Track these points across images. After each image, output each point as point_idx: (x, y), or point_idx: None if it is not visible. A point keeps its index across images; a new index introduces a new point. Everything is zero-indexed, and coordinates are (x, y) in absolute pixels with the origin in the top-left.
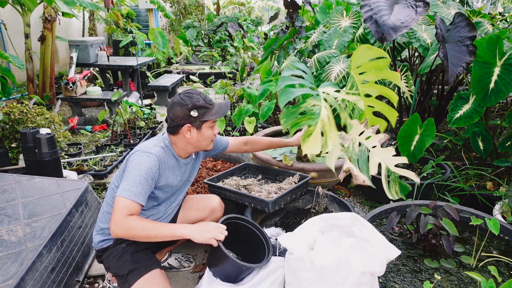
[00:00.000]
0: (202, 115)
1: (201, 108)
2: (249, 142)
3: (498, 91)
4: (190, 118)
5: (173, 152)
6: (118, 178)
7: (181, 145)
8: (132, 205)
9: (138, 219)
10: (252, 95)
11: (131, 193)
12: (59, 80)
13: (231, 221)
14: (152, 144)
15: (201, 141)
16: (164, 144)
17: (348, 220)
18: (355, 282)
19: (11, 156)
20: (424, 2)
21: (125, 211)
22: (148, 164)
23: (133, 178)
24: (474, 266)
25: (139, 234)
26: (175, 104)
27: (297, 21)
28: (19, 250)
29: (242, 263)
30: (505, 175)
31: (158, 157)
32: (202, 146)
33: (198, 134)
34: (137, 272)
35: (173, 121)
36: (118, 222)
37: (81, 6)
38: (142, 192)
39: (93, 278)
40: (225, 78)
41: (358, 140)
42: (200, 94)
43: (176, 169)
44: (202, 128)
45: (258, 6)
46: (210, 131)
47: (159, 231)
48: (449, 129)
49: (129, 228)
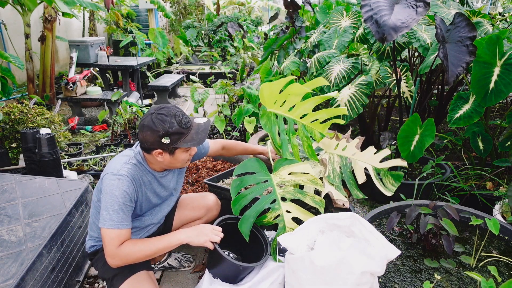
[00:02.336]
0: (175, 142)
1: (174, 135)
2: (225, 147)
3: (498, 91)
4: (162, 145)
5: (147, 168)
6: (98, 193)
7: (154, 163)
8: (119, 234)
9: (131, 244)
10: (252, 95)
11: (113, 223)
12: (59, 80)
13: (230, 222)
14: (121, 163)
15: (174, 163)
16: (137, 160)
17: (348, 220)
18: (355, 282)
19: (11, 156)
20: (424, 2)
21: (115, 243)
22: (121, 188)
23: (111, 206)
24: (474, 266)
25: (138, 257)
26: (145, 127)
27: (297, 21)
28: (19, 250)
29: (239, 263)
30: (505, 175)
31: (130, 177)
32: (176, 167)
33: (171, 158)
34: (121, 275)
35: (143, 143)
36: (114, 255)
37: (81, 6)
38: (124, 217)
39: (93, 278)
40: (225, 78)
41: (336, 154)
42: (175, 116)
43: (154, 184)
44: (175, 153)
45: (258, 6)
46: (185, 154)
47: (156, 247)
48: (449, 129)
49: (126, 256)
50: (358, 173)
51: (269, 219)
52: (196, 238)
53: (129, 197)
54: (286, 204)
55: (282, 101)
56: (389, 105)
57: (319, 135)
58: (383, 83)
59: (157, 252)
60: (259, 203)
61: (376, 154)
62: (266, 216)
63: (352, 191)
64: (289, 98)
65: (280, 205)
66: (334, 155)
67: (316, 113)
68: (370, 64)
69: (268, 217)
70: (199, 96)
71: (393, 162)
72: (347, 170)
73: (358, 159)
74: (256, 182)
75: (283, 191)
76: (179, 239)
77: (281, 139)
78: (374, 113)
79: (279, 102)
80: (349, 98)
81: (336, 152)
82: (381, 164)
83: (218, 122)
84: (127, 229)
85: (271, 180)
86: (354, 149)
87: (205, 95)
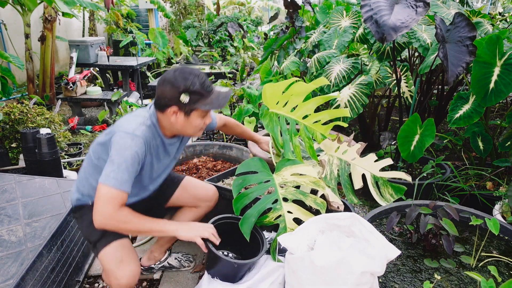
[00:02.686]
0: (193, 102)
1: (194, 94)
2: (227, 124)
3: (498, 91)
4: (179, 103)
5: (159, 131)
6: (98, 149)
7: (166, 125)
8: (120, 195)
9: (131, 214)
10: (252, 95)
11: (117, 182)
12: (59, 80)
13: (228, 221)
14: (137, 123)
15: (187, 128)
16: (151, 122)
17: (348, 220)
18: (355, 282)
19: (11, 156)
20: (424, 2)
21: (115, 203)
22: (134, 148)
23: (119, 165)
24: (474, 266)
25: (130, 228)
26: (165, 82)
27: (297, 21)
28: (19, 250)
29: (234, 260)
30: (505, 175)
31: (144, 139)
32: (187, 133)
33: (185, 120)
34: (105, 240)
35: (160, 99)
36: (110, 216)
37: (81, 6)
38: (128, 179)
39: (93, 278)
40: (225, 78)
41: (336, 156)
42: (198, 77)
43: (160, 149)
44: (191, 116)
45: (258, 6)
46: (200, 120)
47: (150, 227)
48: (449, 129)
49: (120, 222)
50: (355, 178)
51: (270, 219)
52: (186, 232)
53: (138, 160)
54: (288, 205)
55: (284, 102)
56: (389, 105)
57: (320, 136)
58: (383, 83)
59: (149, 232)
60: (261, 203)
61: (377, 162)
62: (267, 216)
63: (348, 195)
64: (291, 98)
65: (281, 205)
66: (334, 157)
67: (318, 114)
68: (370, 64)
69: (269, 217)
70: None
71: (395, 174)
72: (345, 174)
73: (358, 164)
74: (258, 181)
75: (285, 191)
76: (170, 229)
77: (283, 139)
78: (374, 113)
79: (281, 102)
80: (349, 98)
81: (336, 154)
82: (381, 173)
83: None
84: (127, 192)
85: (273, 180)
86: (355, 154)
87: None
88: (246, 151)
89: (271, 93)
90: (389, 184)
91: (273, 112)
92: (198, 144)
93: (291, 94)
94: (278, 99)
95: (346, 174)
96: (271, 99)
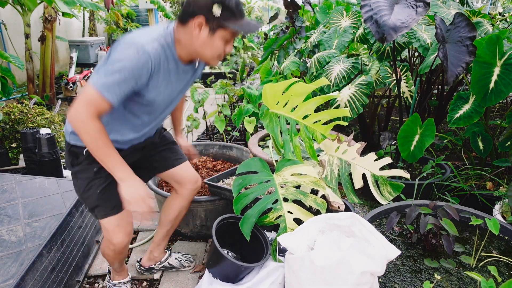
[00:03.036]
0: (223, 19)
1: (227, 10)
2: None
3: (498, 91)
4: (209, 13)
5: (174, 53)
6: None
7: (185, 41)
8: (101, 103)
9: (100, 131)
10: (252, 95)
11: (104, 87)
12: (59, 80)
13: (229, 221)
14: (149, 38)
15: (206, 48)
16: (165, 41)
17: (348, 220)
18: (355, 282)
19: (11, 156)
20: (424, 2)
21: (92, 109)
22: (136, 63)
23: (112, 72)
24: (474, 266)
25: (87, 142)
26: None
27: (297, 21)
28: (19, 250)
29: (240, 263)
30: (505, 175)
31: (152, 58)
32: (205, 55)
33: (207, 37)
34: (103, 208)
35: (189, 6)
36: (81, 119)
37: (81, 6)
38: (117, 92)
39: (93, 278)
40: (225, 78)
41: (336, 156)
42: None
43: (172, 75)
44: (215, 33)
45: (258, 6)
46: (221, 43)
47: (104, 157)
48: (449, 129)
49: (86, 131)
50: (355, 178)
51: (270, 219)
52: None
53: (137, 77)
54: (288, 205)
55: (284, 102)
56: (389, 105)
57: (320, 136)
58: (383, 83)
59: (101, 161)
60: (261, 203)
61: (376, 161)
62: (268, 216)
63: (348, 195)
64: (292, 98)
65: (282, 205)
66: (334, 157)
67: (319, 114)
68: (370, 64)
69: (270, 217)
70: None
71: (394, 172)
72: (345, 174)
73: (358, 164)
74: (258, 181)
75: (285, 191)
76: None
77: (284, 139)
78: (374, 113)
79: (281, 102)
80: (349, 98)
81: (336, 154)
82: (381, 172)
83: (218, 122)
84: (110, 104)
85: (273, 180)
86: (355, 154)
87: (205, 95)
88: (246, 151)
89: (271, 93)
90: (388, 182)
91: (273, 112)
92: (198, 144)
93: (291, 94)
94: (278, 99)
95: (346, 174)
96: (271, 99)
